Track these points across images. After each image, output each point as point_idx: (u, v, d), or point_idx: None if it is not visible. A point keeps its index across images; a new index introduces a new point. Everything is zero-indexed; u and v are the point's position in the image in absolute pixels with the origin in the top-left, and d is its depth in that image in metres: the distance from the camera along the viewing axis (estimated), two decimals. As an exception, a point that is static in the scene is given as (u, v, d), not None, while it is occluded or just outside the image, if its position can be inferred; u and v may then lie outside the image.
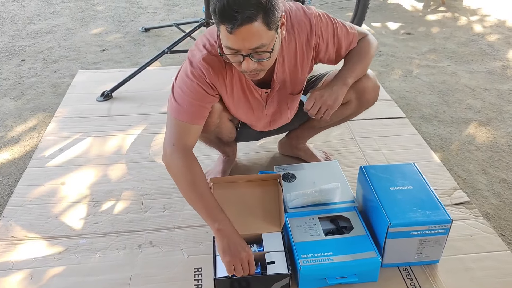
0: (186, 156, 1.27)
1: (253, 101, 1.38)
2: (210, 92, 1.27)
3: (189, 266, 1.32)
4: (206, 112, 1.30)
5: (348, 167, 1.69)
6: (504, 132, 2.01)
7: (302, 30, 1.28)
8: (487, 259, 1.35)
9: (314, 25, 1.28)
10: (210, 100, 1.30)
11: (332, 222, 1.36)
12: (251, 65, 1.12)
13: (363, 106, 1.52)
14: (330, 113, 1.33)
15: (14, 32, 3.03)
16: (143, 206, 1.55)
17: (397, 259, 1.30)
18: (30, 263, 1.33)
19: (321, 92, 1.32)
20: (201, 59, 1.22)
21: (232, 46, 1.09)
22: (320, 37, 1.31)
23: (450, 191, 1.61)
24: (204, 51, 1.23)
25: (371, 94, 1.47)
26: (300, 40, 1.29)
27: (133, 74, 2.24)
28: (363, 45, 1.40)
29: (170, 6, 3.54)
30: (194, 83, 1.24)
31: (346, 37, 1.37)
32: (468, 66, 2.63)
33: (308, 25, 1.28)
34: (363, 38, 1.41)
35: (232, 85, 1.30)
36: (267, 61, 1.15)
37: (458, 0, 3.74)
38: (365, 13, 2.46)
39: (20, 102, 2.21)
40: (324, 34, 1.32)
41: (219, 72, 1.25)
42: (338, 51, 1.38)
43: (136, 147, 1.85)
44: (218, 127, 1.42)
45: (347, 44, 1.38)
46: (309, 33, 1.29)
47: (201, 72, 1.23)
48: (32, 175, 1.69)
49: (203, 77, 1.24)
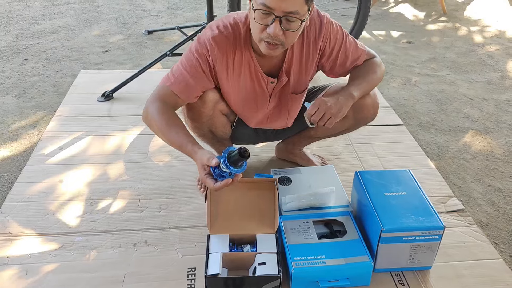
0: (163, 104, 1.26)
1: (259, 90, 1.37)
2: (207, 72, 1.27)
3: (182, 265, 1.33)
4: (194, 93, 1.30)
5: (344, 172, 1.70)
6: (501, 141, 2.02)
7: (311, 29, 1.30)
8: (479, 266, 1.36)
9: (324, 27, 1.31)
10: (204, 83, 1.29)
11: (326, 226, 1.38)
12: (277, 30, 1.13)
13: (360, 123, 1.53)
14: (333, 121, 1.32)
15: (19, 32, 3.06)
16: (139, 206, 1.56)
17: (389, 264, 1.31)
18: (25, 259, 1.34)
19: (326, 100, 1.32)
20: (210, 37, 1.24)
21: (268, 4, 1.10)
22: (328, 41, 1.33)
23: (445, 199, 1.62)
24: (215, 31, 1.25)
25: (370, 111, 1.47)
26: (308, 38, 1.31)
27: (135, 75, 2.27)
28: (371, 65, 1.41)
29: (173, 10, 3.57)
30: (194, 58, 1.25)
31: (354, 51, 1.38)
32: (467, 75, 2.65)
33: (318, 25, 1.30)
34: (371, 58, 1.42)
35: (240, 69, 1.31)
36: (292, 34, 1.16)
37: (459, 11, 3.77)
38: (365, 21, 2.48)
39: (21, 100, 2.23)
40: (332, 40, 1.34)
41: (225, 53, 1.26)
42: (343, 62, 1.39)
43: (134, 148, 1.87)
44: (211, 119, 1.42)
45: (354, 58, 1.39)
46: (318, 34, 1.31)
47: (206, 49, 1.24)
48: (31, 172, 1.70)
49: (205, 54, 1.25)
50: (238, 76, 1.32)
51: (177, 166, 1.76)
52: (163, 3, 3.71)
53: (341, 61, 1.39)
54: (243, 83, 1.35)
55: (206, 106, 1.36)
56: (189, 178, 1.69)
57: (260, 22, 1.15)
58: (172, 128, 1.22)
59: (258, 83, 1.36)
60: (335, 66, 1.40)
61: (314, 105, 1.31)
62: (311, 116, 1.32)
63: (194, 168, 1.71)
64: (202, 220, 1.48)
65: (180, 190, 1.64)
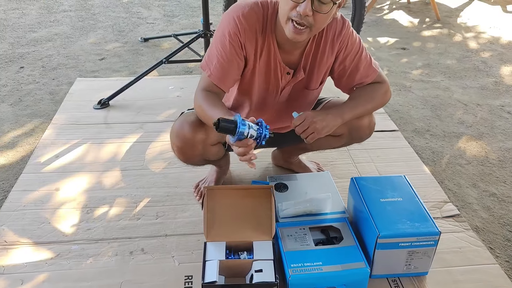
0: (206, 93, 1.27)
1: (273, 79, 1.35)
2: (240, 54, 1.26)
3: (179, 273, 1.33)
4: (232, 80, 1.30)
5: (340, 178, 1.71)
6: (495, 147, 2.04)
7: (332, 27, 1.29)
8: (475, 272, 1.36)
9: (344, 30, 1.30)
10: (239, 66, 1.28)
11: (322, 232, 1.38)
12: (307, 9, 1.11)
13: (355, 141, 1.51)
14: (315, 137, 1.29)
15: (14, 39, 3.06)
16: (136, 213, 1.56)
17: (386, 270, 1.31)
18: (21, 268, 1.33)
19: (314, 114, 1.30)
20: (240, 14, 1.22)
21: None
22: (345, 46, 1.32)
23: (440, 204, 1.63)
24: (246, 8, 1.23)
25: (365, 131, 1.45)
26: (327, 36, 1.30)
27: (131, 83, 2.27)
28: (375, 91, 1.37)
29: (169, 17, 3.59)
30: (227, 41, 1.24)
31: (367, 67, 1.36)
32: (461, 81, 2.67)
33: (340, 26, 1.30)
34: (381, 83, 1.39)
35: (262, 51, 1.29)
36: (321, 18, 1.14)
37: (452, 17, 3.81)
38: (360, 28, 2.51)
39: (17, 108, 2.23)
40: (349, 46, 1.33)
41: (254, 32, 1.24)
42: (353, 74, 1.36)
43: (131, 155, 1.87)
44: (202, 154, 1.39)
45: (364, 74, 1.36)
46: (338, 34, 1.30)
47: (237, 28, 1.22)
48: (27, 180, 1.70)
49: (237, 34, 1.23)
50: (258, 58, 1.30)
51: (173, 173, 1.76)
52: (159, 11, 3.72)
53: (351, 72, 1.36)
54: (261, 67, 1.32)
55: (196, 148, 1.34)
56: (186, 185, 1.69)
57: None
58: (213, 108, 1.21)
59: (274, 71, 1.33)
60: (344, 76, 1.37)
61: (301, 116, 1.29)
62: (295, 126, 1.30)
63: (191, 176, 1.73)
64: (198, 228, 1.48)
65: (177, 197, 1.64)
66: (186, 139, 1.32)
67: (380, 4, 4.12)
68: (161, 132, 2.03)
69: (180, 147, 1.35)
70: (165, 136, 2.00)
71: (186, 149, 1.35)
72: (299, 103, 1.45)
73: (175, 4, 3.90)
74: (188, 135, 1.31)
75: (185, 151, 1.36)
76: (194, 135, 1.32)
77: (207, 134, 1.34)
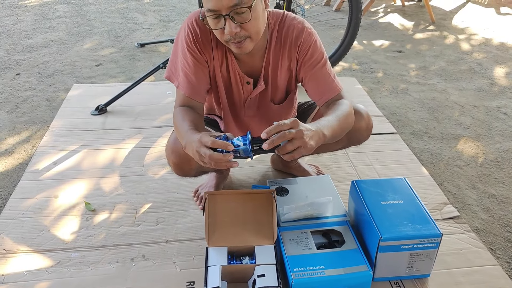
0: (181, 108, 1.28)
1: (235, 88, 1.34)
2: (203, 63, 1.26)
3: (181, 279, 1.32)
4: (202, 92, 1.29)
5: (340, 182, 1.71)
6: (493, 148, 2.05)
7: (290, 33, 1.28)
8: (476, 273, 1.37)
9: (303, 36, 1.27)
10: (206, 78, 1.28)
11: (324, 236, 1.38)
12: (233, 28, 1.11)
13: (353, 144, 1.50)
14: (300, 153, 1.05)
15: (10, 46, 3.05)
16: (136, 220, 1.55)
17: (388, 273, 1.31)
18: (21, 276, 1.32)
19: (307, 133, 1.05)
20: (193, 20, 1.23)
21: (211, 7, 1.09)
22: (304, 53, 1.29)
23: (440, 206, 1.64)
24: (196, 15, 1.24)
25: (363, 134, 1.43)
26: (285, 42, 1.29)
27: (128, 88, 2.27)
28: (346, 111, 1.26)
29: (165, 22, 3.59)
30: (186, 50, 1.24)
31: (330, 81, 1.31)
32: (457, 83, 2.69)
33: (298, 31, 1.28)
34: (345, 101, 1.30)
35: (223, 59, 1.28)
36: (250, 24, 1.12)
37: (447, 19, 3.83)
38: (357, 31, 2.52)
39: (14, 115, 2.22)
40: (309, 54, 1.29)
41: (209, 37, 1.24)
42: (314, 87, 1.31)
43: (129, 161, 1.86)
44: (199, 167, 1.35)
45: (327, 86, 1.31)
46: (295, 39, 1.28)
47: (191, 35, 1.23)
48: (25, 188, 1.69)
49: (193, 42, 1.23)
50: (219, 66, 1.29)
51: (172, 179, 1.75)
52: (155, 16, 3.72)
53: (312, 84, 1.31)
54: (223, 75, 1.31)
55: (192, 162, 1.28)
56: (185, 190, 1.69)
57: (215, 27, 1.15)
58: (181, 125, 1.20)
59: (235, 80, 1.32)
60: (307, 84, 1.33)
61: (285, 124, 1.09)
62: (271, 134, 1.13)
63: (190, 181, 1.72)
64: (199, 233, 1.48)
65: (177, 203, 1.63)
66: (181, 154, 1.26)
67: (375, 8, 4.15)
68: (159, 137, 2.02)
69: (177, 163, 1.33)
70: (163, 141, 2.00)
71: (183, 164, 1.33)
72: (270, 118, 1.42)
73: (171, 9, 3.90)
74: (183, 151, 1.20)
75: (181, 166, 1.34)
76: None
77: None
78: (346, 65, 2.91)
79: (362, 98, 2.44)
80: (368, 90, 2.57)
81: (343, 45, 2.54)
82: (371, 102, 2.39)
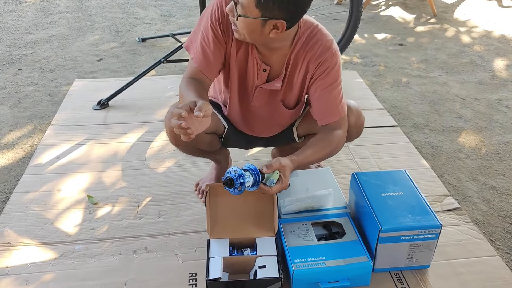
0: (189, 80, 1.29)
1: (250, 73, 1.34)
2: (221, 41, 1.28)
3: (183, 271, 1.33)
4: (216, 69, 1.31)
5: (340, 174, 1.72)
6: (494, 140, 2.05)
7: (314, 49, 1.28)
8: (476, 264, 1.38)
9: (325, 56, 1.28)
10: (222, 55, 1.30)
11: (324, 228, 1.39)
12: (229, 8, 1.17)
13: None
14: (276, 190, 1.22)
15: (12, 42, 3.06)
16: (138, 212, 1.56)
17: (388, 263, 1.33)
18: (25, 268, 1.34)
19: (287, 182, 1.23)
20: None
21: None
22: (321, 73, 1.29)
23: (441, 198, 1.65)
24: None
25: (352, 130, 1.42)
26: (306, 55, 1.29)
27: (129, 83, 2.27)
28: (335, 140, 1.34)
29: (166, 17, 3.59)
30: (209, 25, 1.26)
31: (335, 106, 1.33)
32: (458, 76, 2.68)
33: (321, 51, 1.27)
34: (340, 130, 1.35)
35: (242, 42, 1.30)
36: (240, 22, 1.16)
37: (449, 12, 3.82)
38: (357, 25, 2.51)
39: (16, 110, 2.23)
40: (325, 75, 1.29)
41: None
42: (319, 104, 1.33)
43: (131, 155, 1.87)
44: (195, 142, 1.34)
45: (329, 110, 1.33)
46: (316, 57, 1.28)
47: (218, 12, 1.25)
48: (28, 181, 1.70)
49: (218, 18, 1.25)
50: (237, 48, 1.30)
51: (174, 172, 1.77)
52: (156, 11, 3.72)
53: (317, 104, 1.34)
54: (239, 58, 1.32)
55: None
56: (187, 184, 1.70)
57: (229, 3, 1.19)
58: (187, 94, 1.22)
59: (252, 66, 1.33)
60: (313, 102, 1.35)
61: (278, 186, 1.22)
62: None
63: (192, 174, 1.74)
64: (201, 225, 1.49)
65: (179, 196, 1.64)
66: None
67: (377, 1, 4.13)
68: (161, 131, 2.03)
69: (172, 130, 1.32)
70: (165, 134, 1.99)
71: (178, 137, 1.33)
72: (274, 117, 1.46)
73: (172, 3, 3.90)
74: None
75: (175, 134, 1.32)
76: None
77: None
78: (347, 58, 2.91)
79: (363, 92, 2.44)
80: (369, 83, 2.57)
81: (344, 38, 2.53)
82: (372, 95, 2.39)
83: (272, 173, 1.21)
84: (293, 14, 1.15)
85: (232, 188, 1.16)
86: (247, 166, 1.20)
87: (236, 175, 1.15)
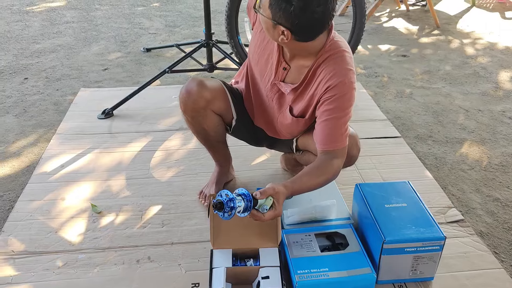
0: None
1: (271, 64, 1.38)
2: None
3: (186, 281, 1.33)
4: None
5: (344, 185, 1.72)
6: (498, 152, 2.05)
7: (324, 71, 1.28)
8: (480, 276, 1.37)
9: (335, 83, 1.26)
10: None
11: (328, 239, 1.39)
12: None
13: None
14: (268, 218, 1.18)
15: (18, 51, 3.09)
16: (142, 222, 1.57)
17: (392, 275, 1.32)
18: (29, 277, 1.34)
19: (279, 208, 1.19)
20: None
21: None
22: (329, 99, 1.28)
23: (444, 209, 1.64)
24: None
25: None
26: (319, 76, 1.30)
27: (134, 92, 2.29)
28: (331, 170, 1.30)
29: (171, 28, 3.62)
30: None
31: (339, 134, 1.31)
32: (462, 87, 2.69)
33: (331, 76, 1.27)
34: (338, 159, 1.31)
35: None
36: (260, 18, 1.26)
37: (452, 24, 3.84)
38: (361, 36, 2.53)
39: (22, 119, 2.25)
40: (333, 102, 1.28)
41: None
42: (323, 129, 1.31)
43: (135, 164, 1.88)
44: (203, 116, 1.45)
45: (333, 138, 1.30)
46: (326, 81, 1.28)
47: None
48: (33, 190, 1.71)
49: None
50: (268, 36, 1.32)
51: (178, 181, 1.77)
52: (161, 21, 3.76)
53: (320, 129, 1.32)
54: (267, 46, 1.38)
55: (197, 102, 1.41)
56: (191, 193, 1.70)
57: None
58: None
59: (277, 59, 1.35)
60: (316, 127, 1.34)
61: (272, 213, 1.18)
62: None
63: (195, 183, 1.74)
64: (204, 235, 1.49)
65: (182, 205, 1.65)
66: (192, 90, 1.41)
67: (380, 12, 4.16)
68: (165, 141, 2.04)
69: (185, 97, 1.42)
70: (168, 144, 2.02)
71: (188, 100, 1.42)
72: (278, 119, 1.48)
73: (177, 14, 3.94)
74: (195, 88, 1.41)
75: (186, 101, 1.43)
76: (200, 89, 1.40)
77: (213, 96, 1.43)
78: (351, 69, 2.92)
79: (367, 102, 2.44)
80: (373, 94, 2.58)
81: (347, 49, 2.55)
82: (376, 106, 2.40)
83: (265, 199, 1.16)
84: (298, 28, 1.17)
85: (222, 212, 1.11)
86: (240, 191, 1.15)
87: (227, 198, 1.11)
